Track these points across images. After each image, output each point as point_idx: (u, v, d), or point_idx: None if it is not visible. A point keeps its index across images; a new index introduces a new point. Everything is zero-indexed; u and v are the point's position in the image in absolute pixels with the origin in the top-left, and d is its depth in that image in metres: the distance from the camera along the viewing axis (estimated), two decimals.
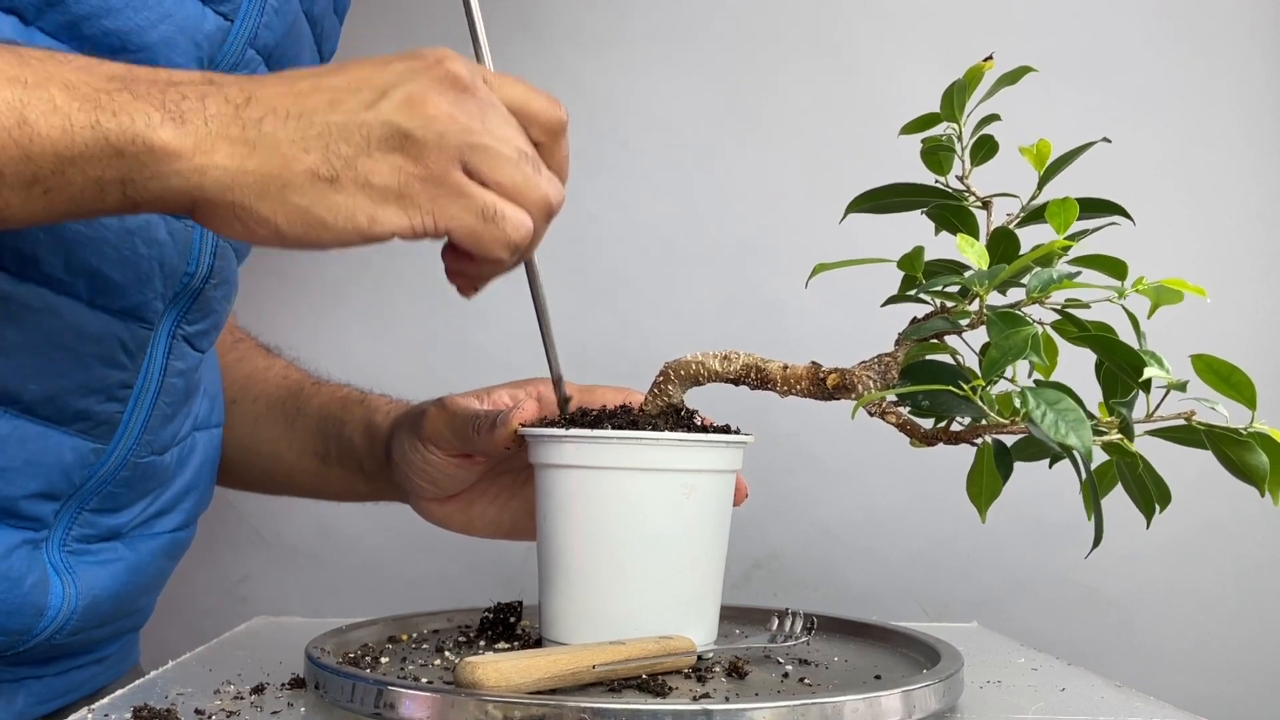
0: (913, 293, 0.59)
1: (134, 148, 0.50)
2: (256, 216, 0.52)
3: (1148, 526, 0.56)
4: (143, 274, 0.68)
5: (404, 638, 0.68)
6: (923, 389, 0.55)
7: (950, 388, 0.53)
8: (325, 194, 0.52)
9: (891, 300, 0.64)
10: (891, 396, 0.59)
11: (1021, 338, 0.50)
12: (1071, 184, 0.63)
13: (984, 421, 0.53)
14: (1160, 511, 0.57)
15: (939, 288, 0.57)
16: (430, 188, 0.54)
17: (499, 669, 0.51)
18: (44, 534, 0.69)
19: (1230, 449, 0.54)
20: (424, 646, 0.67)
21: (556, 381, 0.69)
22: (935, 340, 0.59)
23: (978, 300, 0.57)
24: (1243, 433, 0.53)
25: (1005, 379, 0.54)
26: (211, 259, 0.73)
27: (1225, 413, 0.55)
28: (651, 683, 0.55)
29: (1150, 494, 0.56)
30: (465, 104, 0.54)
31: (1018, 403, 0.51)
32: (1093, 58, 1.09)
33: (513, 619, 0.70)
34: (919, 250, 0.59)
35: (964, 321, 0.57)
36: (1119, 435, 0.54)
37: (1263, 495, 0.54)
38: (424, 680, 0.57)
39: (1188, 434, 0.55)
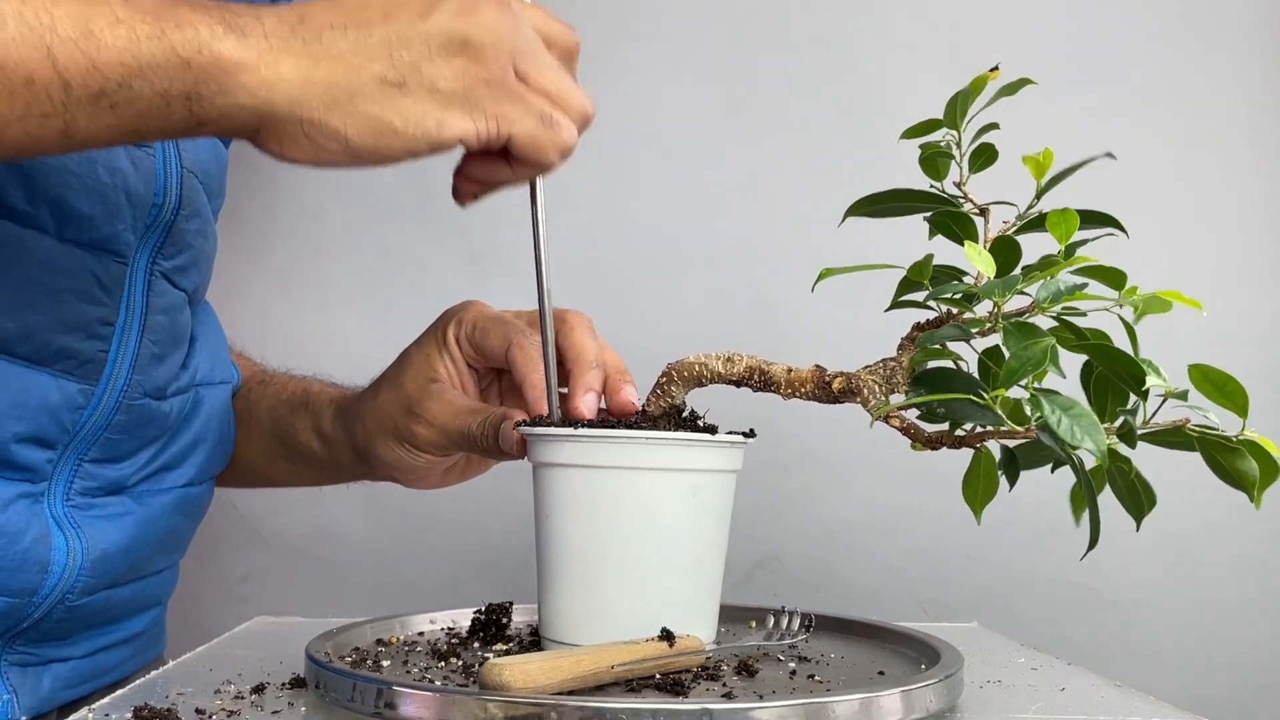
0: (922, 299, 0.60)
1: (200, 58, 0.50)
2: (326, 130, 0.52)
3: (1138, 529, 0.58)
4: (110, 204, 0.68)
5: (393, 640, 0.68)
6: (942, 397, 0.55)
7: (972, 397, 0.53)
8: (395, 99, 0.53)
9: (896, 305, 0.64)
10: (898, 398, 0.60)
11: (1041, 349, 0.51)
12: (1071, 187, 0.63)
13: (998, 428, 0.54)
14: (1148, 513, 0.58)
15: (948, 295, 0.57)
16: (493, 90, 0.55)
17: (525, 670, 0.51)
18: (43, 486, 0.69)
19: (1222, 455, 0.56)
20: (418, 649, 0.67)
21: (548, 367, 0.68)
22: (938, 346, 0.60)
23: (986, 308, 0.58)
24: (1234, 440, 0.55)
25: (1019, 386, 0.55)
26: (179, 188, 0.73)
27: (1217, 420, 0.56)
28: (669, 682, 0.55)
29: (1140, 498, 0.57)
30: (507, 15, 0.56)
31: (1029, 409, 0.52)
32: (1094, 58, 1.09)
33: (504, 620, 0.69)
34: (929, 258, 0.60)
35: (975, 330, 0.57)
36: (1116, 439, 0.55)
37: (1253, 500, 0.56)
38: (424, 680, 0.57)
39: (1179, 438, 0.57)
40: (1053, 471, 0.63)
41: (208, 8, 0.52)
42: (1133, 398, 0.56)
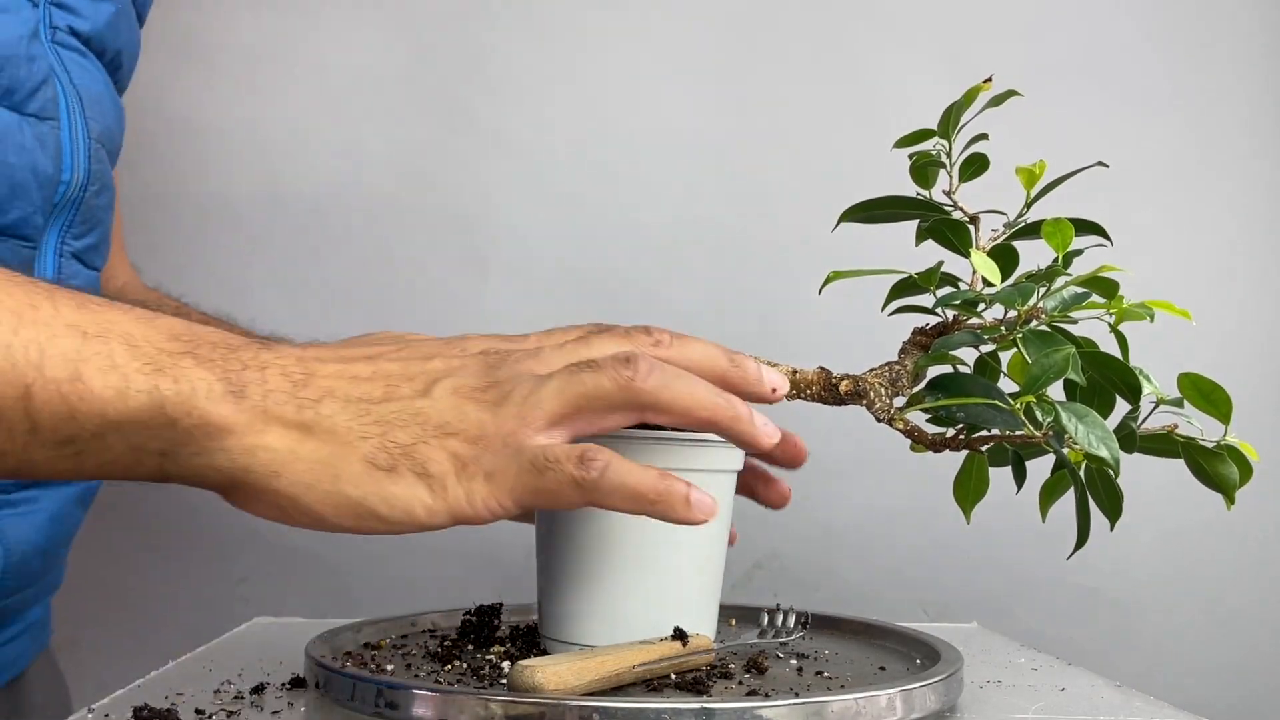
0: (932, 306, 0.61)
1: (188, 420, 0.46)
2: (301, 506, 0.49)
3: (1111, 529, 0.59)
4: (18, 185, 0.65)
5: (383, 642, 0.68)
6: (964, 401, 0.56)
7: (996, 402, 0.54)
8: (382, 484, 0.49)
9: (896, 310, 0.65)
10: (900, 400, 0.60)
11: (1063, 357, 0.52)
12: (1069, 190, 0.63)
13: (1015, 433, 0.55)
14: (1119, 517, 0.59)
15: (957, 301, 0.58)
16: (484, 467, 0.49)
17: (556, 672, 0.51)
18: None
19: (1204, 459, 0.57)
20: (418, 649, 0.67)
21: None
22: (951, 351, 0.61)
23: (993, 314, 0.59)
24: (1216, 445, 0.57)
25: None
26: (88, 163, 0.70)
27: (1200, 426, 0.58)
28: (689, 682, 0.56)
29: (1118, 502, 0.59)
30: (507, 406, 0.50)
31: (1040, 414, 0.53)
32: (1093, 59, 1.09)
33: (495, 621, 0.69)
34: (938, 265, 0.61)
35: (988, 336, 0.58)
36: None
37: (1230, 505, 0.57)
38: (425, 680, 0.57)
39: (1165, 444, 0.59)
40: (1053, 473, 0.63)
41: (215, 360, 0.48)
42: (1112, 402, 0.58)
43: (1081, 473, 0.57)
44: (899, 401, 0.60)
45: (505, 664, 0.60)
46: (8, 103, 0.65)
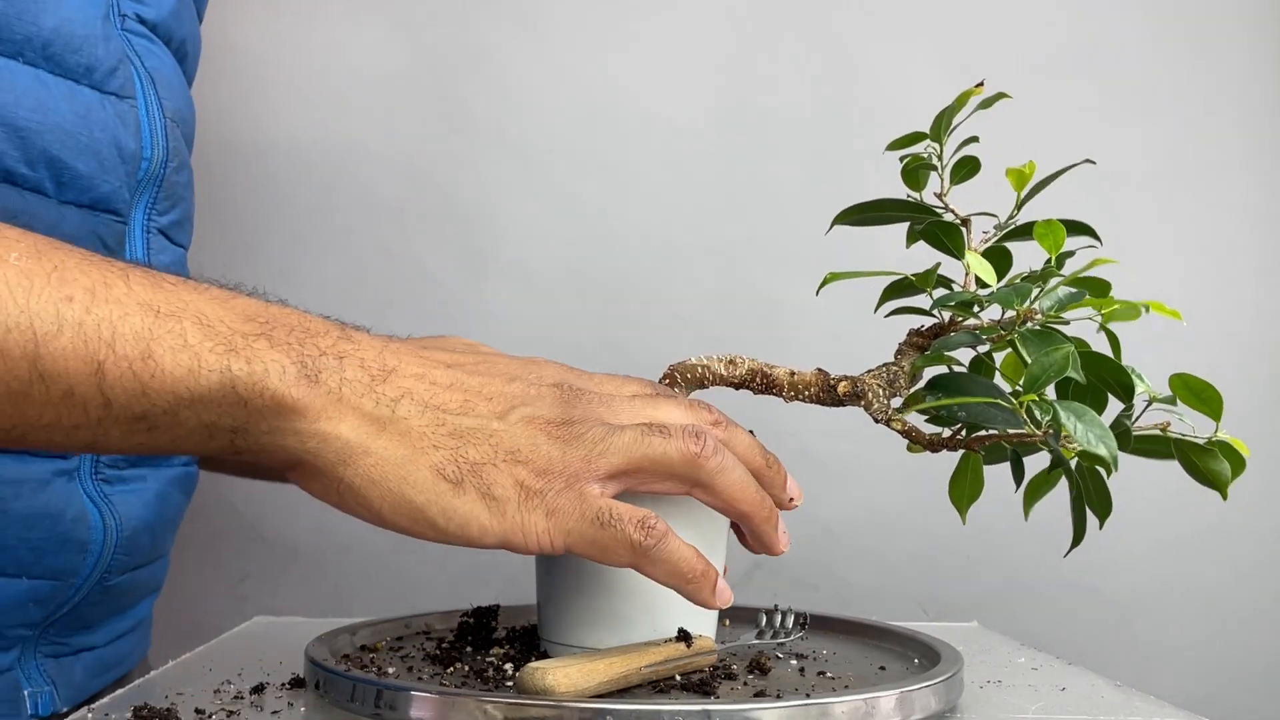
0: (928, 307, 0.61)
1: (259, 400, 0.47)
2: (362, 499, 0.49)
3: (1100, 528, 0.59)
4: (105, 160, 0.67)
5: (379, 645, 0.68)
6: (966, 401, 0.56)
7: (999, 401, 0.54)
8: (445, 496, 0.49)
9: (895, 311, 0.65)
10: (897, 401, 0.60)
11: (1062, 355, 0.52)
12: (1067, 189, 0.63)
13: (1013, 431, 0.55)
14: (1106, 518, 0.60)
15: (954, 302, 0.58)
16: (547, 500, 0.51)
17: (567, 674, 0.51)
18: (75, 462, 0.69)
19: (1196, 456, 0.58)
20: (417, 650, 0.67)
21: None
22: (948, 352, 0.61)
23: (990, 315, 0.59)
24: (1207, 441, 0.57)
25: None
26: (165, 140, 0.73)
27: (1192, 425, 0.58)
28: (694, 683, 0.56)
29: (1108, 502, 0.59)
30: (581, 439, 0.52)
31: (1039, 413, 0.53)
32: (1091, 57, 1.09)
33: (492, 623, 0.69)
34: (936, 266, 0.61)
35: (986, 336, 0.58)
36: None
37: (1224, 497, 0.58)
38: (425, 681, 0.57)
39: (1157, 445, 0.59)
40: (1049, 471, 0.63)
41: (291, 343, 0.48)
42: (1104, 401, 0.58)
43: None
44: (896, 402, 0.60)
45: (508, 666, 0.60)
46: (88, 81, 0.67)
